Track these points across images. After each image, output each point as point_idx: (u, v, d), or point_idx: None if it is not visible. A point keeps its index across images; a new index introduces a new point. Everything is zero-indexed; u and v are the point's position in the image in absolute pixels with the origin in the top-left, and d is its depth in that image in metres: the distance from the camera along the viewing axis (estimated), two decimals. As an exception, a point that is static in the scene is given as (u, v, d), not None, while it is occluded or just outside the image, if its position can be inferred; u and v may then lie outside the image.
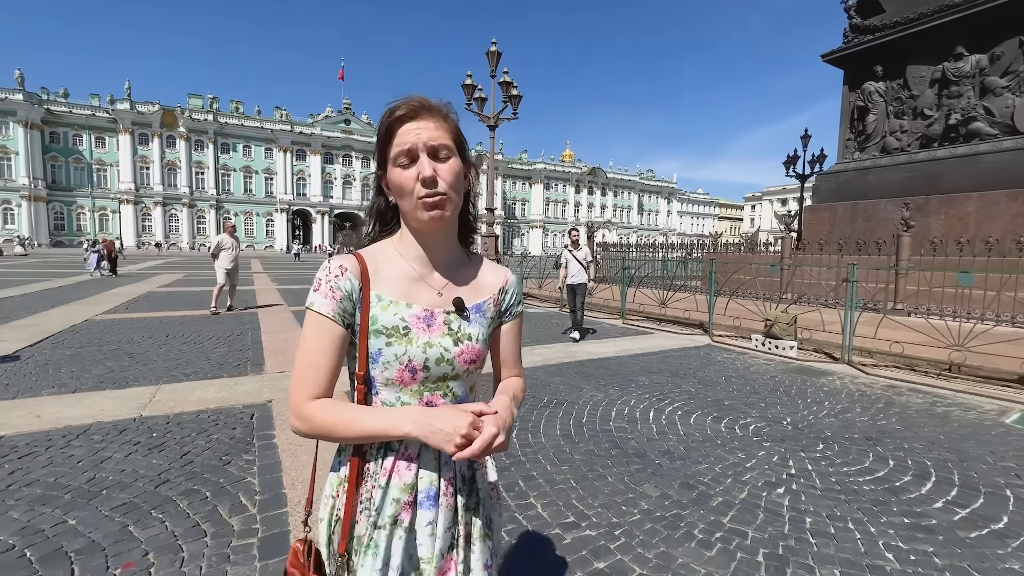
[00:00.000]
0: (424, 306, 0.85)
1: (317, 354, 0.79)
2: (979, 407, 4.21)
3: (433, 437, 0.74)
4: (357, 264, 0.84)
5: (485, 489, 0.94)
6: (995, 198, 10.45)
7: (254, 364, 5.16)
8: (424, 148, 0.79)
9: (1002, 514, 2.43)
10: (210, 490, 2.48)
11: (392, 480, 0.82)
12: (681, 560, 2.01)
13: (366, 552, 0.81)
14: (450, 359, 0.84)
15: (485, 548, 0.90)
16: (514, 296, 0.98)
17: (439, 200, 0.80)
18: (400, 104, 0.82)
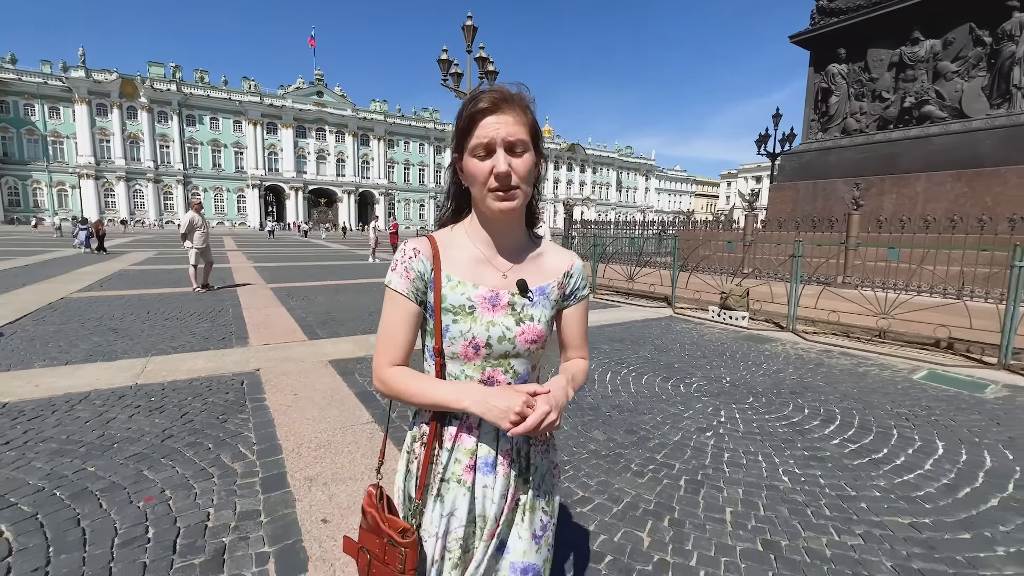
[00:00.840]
0: (490, 287, 0.92)
1: (394, 327, 0.90)
2: (895, 367, 4.79)
3: (489, 413, 0.81)
4: (430, 247, 0.92)
5: (545, 466, 1.00)
6: (941, 179, 11.15)
7: (238, 337, 5.40)
8: (502, 144, 0.84)
9: (883, 447, 2.94)
10: (211, 443, 2.80)
11: (456, 444, 0.92)
12: (617, 486, 2.45)
13: (433, 501, 0.92)
14: (511, 338, 0.90)
15: (536, 519, 0.97)
16: (579, 280, 1.02)
17: (512, 194, 0.86)
18: (483, 96, 0.86)
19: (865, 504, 2.32)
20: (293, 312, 6.98)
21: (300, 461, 2.61)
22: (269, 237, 38.50)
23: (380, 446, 2.71)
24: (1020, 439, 3.10)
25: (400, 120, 70.85)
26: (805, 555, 1.95)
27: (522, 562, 0.94)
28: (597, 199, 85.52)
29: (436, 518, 0.91)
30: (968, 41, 11.18)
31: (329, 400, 3.52)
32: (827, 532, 2.10)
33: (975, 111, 11.11)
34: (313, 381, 3.93)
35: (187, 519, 2.08)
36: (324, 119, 64.94)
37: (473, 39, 15.72)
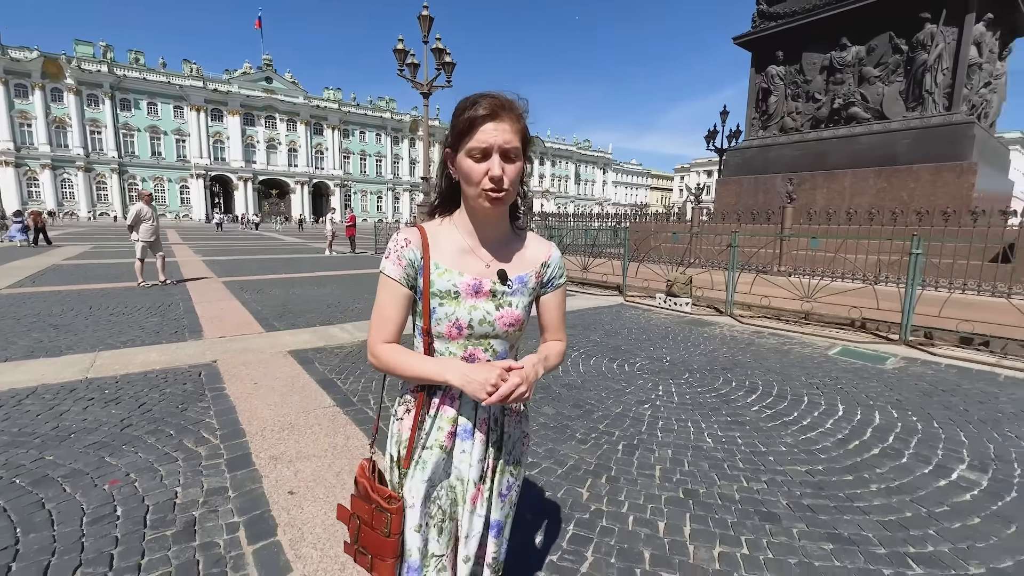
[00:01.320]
0: (473, 275, 1.01)
1: (387, 309, 1.00)
2: (815, 344, 5.35)
3: (468, 386, 0.90)
4: (420, 237, 1.01)
5: (517, 435, 1.12)
6: (864, 175, 12.16)
7: (192, 331, 5.32)
8: (498, 150, 0.92)
9: (794, 411, 3.37)
10: (173, 430, 2.86)
11: (439, 413, 1.02)
12: (563, 452, 2.72)
13: (415, 468, 1.02)
14: (491, 321, 1.00)
15: (504, 480, 1.09)
16: (555, 270, 1.11)
17: (502, 195, 0.94)
18: (484, 102, 0.92)
19: (772, 457, 2.70)
20: (248, 305, 6.89)
21: (264, 443, 2.72)
22: (217, 230, 36.73)
23: (344, 427, 2.88)
24: (906, 400, 3.62)
25: (356, 109, 68.81)
26: (718, 499, 2.28)
27: (491, 518, 1.07)
28: (556, 192, 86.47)
29: (418, 484, 1.00)
30: (888, 49, 12.18)
31: (290, 387, 3.61)
32: (738, 480, 2.45)
33: (894, 113, 12.16)
34: (273, 370, 4.00)
35: (155, 497, 2.18)
36: (274, 106, 62.21)
37: (429, 29, 15.60)
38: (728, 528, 2.06)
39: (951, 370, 4.46)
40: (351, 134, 69.25)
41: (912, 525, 2.10)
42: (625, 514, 2.15)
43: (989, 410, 3.47)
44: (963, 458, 2.73)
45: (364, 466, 1.06)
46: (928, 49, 11.41)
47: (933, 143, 11.19)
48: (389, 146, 72.26)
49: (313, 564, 1.78)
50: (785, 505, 2.24)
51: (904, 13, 11.59)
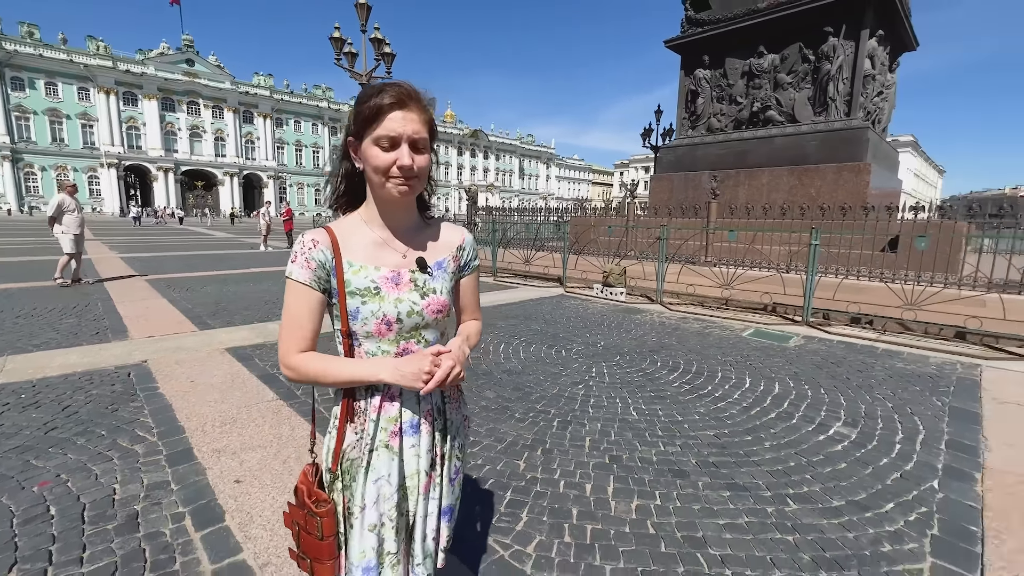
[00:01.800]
0: (391, 267, 0.99)
1: (299, 316, 0.95)
2: (732, 327, 5.92)
3: (403, 380, 0.90)
4: (328, 236, 0.97)
5: (458, 420, 1.14)
6: (779, 173, 13.28)
7: (115, 331, 5.03)
8: (407, 140, 0.91)
9: (708, 385, 3.79)
10: (104, 430, 2.79)
11: (380, 414, 1.00)
12: (503, 430, 2.93)
13: (362, 471, 0.99)
14: (419, 311, 0.99)
15: (452, 465, 1.12)
16: (470, 252, 1.13)
17: (411, 183, 0.94)
18: (391, 90, 0.91)
19: (687, 425, 3.06)
20: (177, 304, 6.56)
21: (205, 437, 2.73)
22: (135, 225, 33.78)
23: (289, 419, 2.93)
24: (801, 372, 4.15)
25: (289, 97, 65.33)
26: (638, 461, 2.58)
27: (443, 504, 1.11)
28: (501, 186, 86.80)
29: (369, 487, 0.98)
30: (798, 58, 13.33)
31: (230, 384, 3.57)
32: (656, 446, 2.77)
33: (803, 117, 13.35)
34: (210, 368, 3.92)
35: (91, 496, 2.16)
36: (197, 91, 57.81)
37: (367, 18, 15.22)
38: (645, 485, 2.36)
39: (841, 345, 5.13)
40: (285, 123, 65.78)
41: (793, 472, 2.50)
42: (557, 480, 2.39)
43: (865, 377, 4.07)
44: (840, 417, 3.23)
45: (307, 471, 1.04)
46: (831, 60, 12.62)
47: (835, 145, 12.44)
48: (327, 137, 69.32)
49: (264, 543, 1.88)
50: (694, 463, 2.57)
51: (811, 26, 12.73)
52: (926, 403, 3.50)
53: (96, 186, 53.44)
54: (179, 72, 56.47)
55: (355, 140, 0.95)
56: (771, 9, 13.48)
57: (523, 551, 1.88)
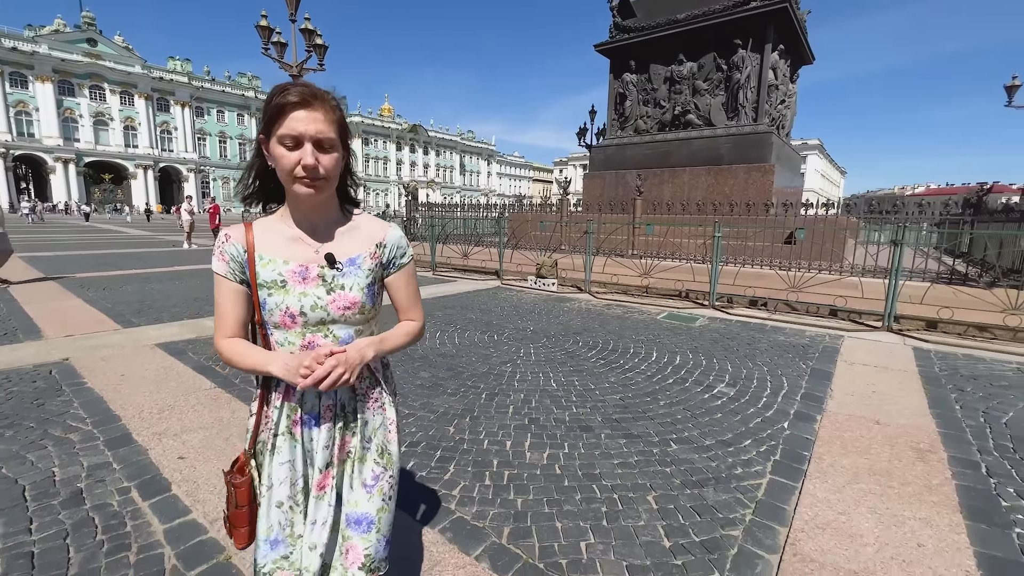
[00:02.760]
0: (300, 262, 1.01)
1: (222, 305, 1.02)
2: (650, 312, 6.56)
3: (287, 374, 0.93)
4: (242, 231, 1.02)
5: (378, 420, 1.12)
6: (698, 172, 14.42)
7: (26, 332, 4.78)
8: (310, 140, 0.91)
9: (621, 360, 4.30)
10: (33, 423, 2.79)
11: (284, 402, 1.04)
12: (435, 403, 3.24)
13: (270, 453, 1.05)
14: (324, 306, 1.01)
15: (366, 469, 1.09)
16: (395, 250, 1.10)
17: (316, 184, 0.95)
18: (293, 89, 0.92)
19: (598, 392, 3.51)
20: (94, 303, 6.24)
21: (144, 423, 2.81)
22: (30, 221, 30.27)
23: (228, 404, 3.07)
24: (700, 347, 4.78)
25: (211, 85, 60.92)
26: (553, 422, 2.99)
27: (355, 512, 1.07)
28: (442, 182, 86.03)
29: (276, 468, 1.04)
30: (713, 67, 14.50)
31: (163, 376, 3.61)
32: (570, 409, 3.19)
33: (718, 121, 14.56)
34: (141, 362, 3.90)
35: (30, 478, 2.23)
36: (101, 75, 52.50)
37: (297, 7, 14.75)
38: (557, 439, 2.76)
39: (738, 324, 5.88)
40: (206, 113, 61.31)
41: (679, 423, 3.01)
42: (482, 439, 2.74)
43: (751, 348, 4.77)
44: (724, 380, 3.83)
45: (241, 456, 1.11)
46: (740, 70, 13.87)
47: (744, 148, 13.71)
48: (254, 128, 65.30)
49: (212, 504, 2.07)
50: (599, 421, 3.02)
51: (723, 38, 13.91)
52: (794, 367, 4.21)
53: (-22, 178, 47.18)
54: (79, 52, 50.98)
55: (265, 138, 0.96)
56: (688, 20, 14.55)
57: (449, 493, 2.21)
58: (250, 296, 1.02)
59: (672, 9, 14.85)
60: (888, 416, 3.15)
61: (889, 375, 4.00)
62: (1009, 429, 2.99)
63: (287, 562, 1.05)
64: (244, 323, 1.04)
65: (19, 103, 48.53)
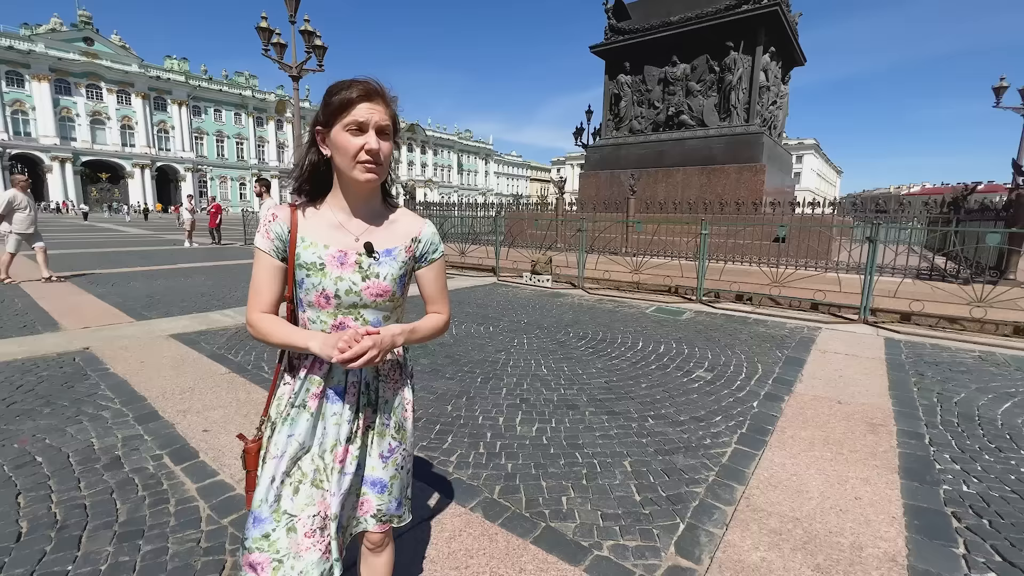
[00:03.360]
0: (339, 247, 1.08)
1: (260, 280, 1.08)
2: (639, 306, 6.84)
3: (323, 350, 0.98)
4: (288, 212, 1.09)
5: (396, 400, 1.20)
6: (692, 172, 14.70)
7: (45, 324, 5.03)
8: (374, 127, 1.01)
9: (609, 349, 4.58)
10: (66, 401, 3.05)
11: (309, 375, 1.10)
12: (435, 386, 3.51)
13: (283, 422, 1.10)
14: (358, 291, 1.07)
15: (384, 442, 1.18)
16: (428, 245, 1.18)
17: (377, 169, 1.04)
18: (359, 85, 1.01)
19: (585, 376, 3.79)
20: (105, 298, 6.48)
21: (168, 402, 3.08)
22: None
23: (244, 386, 3.33)
24: (684, 337, 5.07)
25: (208, 84, 60.94)
26: (542, 401, 3.26)
27: (372, 476, 1.18)
28: (440, 181, 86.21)
29: (282, 439, 1.08)
30: (706, 69, 14.78)
31: (180, 362, 3.87)
32: (558, 391, 3.47)
33: (711, 122, 14.84)
34: (158, 351, 4.16)
35: (72, 447, 2.50)
36: (98, 74, 52.53)
37: (297, 9, 14.96)
38: (545, 416, 3.04)
39: (723, 317, 6.17)
40: (204, 112, 61.34)
41: (657, 402, 3.29)
42: (476, 416, 3.01)
43: (732, 339, 5.05)
44: (703, 366, 4.11)
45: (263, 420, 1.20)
46: (732, 71, 14.14)
47: (736, 148, 14.00)
48: (252, 127, 65.41)
49: (236, 468, 2.34)
50: (585, 400, 3.30)
51: (715, 41, 14.19)
52: (771, 355, 4.49)
53: (-26, 177, 47.13)
54: (75, 51, 51.01)
55: (323, 129, 1.04)
56: (682, 23, 14.83)
57: (447, 459, 2.48)
58: (286, 274, 1.09)
59: (666, 12, 15.13)
60: (850, 396, 3.44)
61: (858, 362, 4.29)
62: (958, 407, 3.28)
63: (267, 542, 1.03)
64: (278, 300, 1.11)
65: (16, 102, 48.55)
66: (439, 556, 1.77)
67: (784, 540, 1.89)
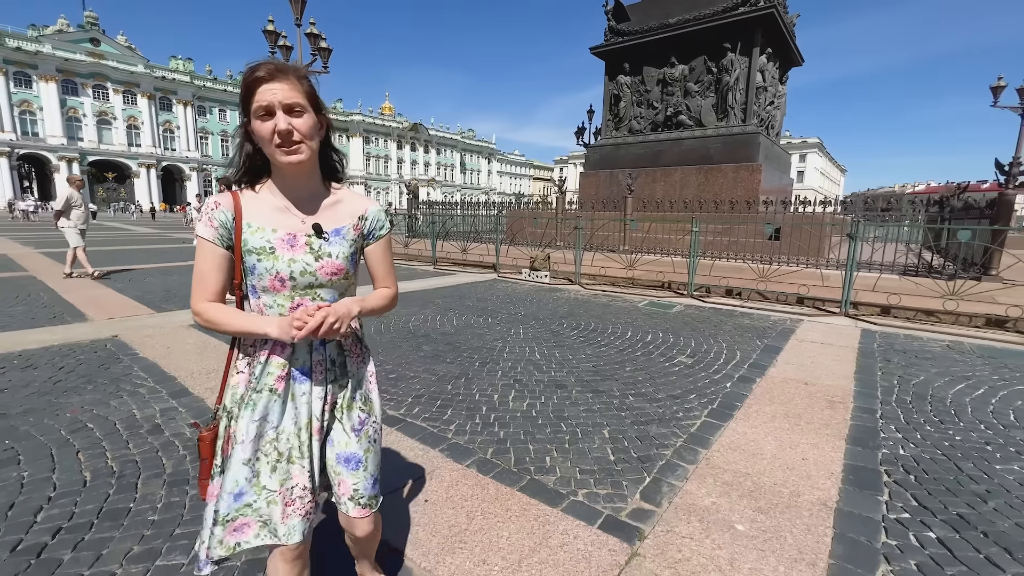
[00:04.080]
0: (287, 230, 1.08)
1: (204, 269, 1.07)
2: (633, 301, 7.15)
3: (283, 334, 1.01)
4: (231, 199, 1.07)
5: (361, 373, 1.23)
6: (689, 171, 14.97)
7: (72, 315, 5.38)
8: (280, 106, 0.98)
9: (599, 337, 4.90)
10: (105, 380, 3.39)
11: (270, 359, 1.10)
12: (436, 368, 3.83)
13: (245, 407, 1.09)
14: (312, 271, 1.08)
15: (354, 415, 1.20)
16: (375, 222, 1.20)
17: (294, 148, 1.01)
18: (260, 67, 0.99)
19: (575, 361, 4.11)
20: (124, 292, 6.84)
21: (196, 381, 3.41)
22: (23, 219, 30.22)
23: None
24: (671, 327, 5.38)
25: (212, 84, 61.42)
26: (534, 382, 3.58)
27: (344, 452, 1.19)
28: (443, 180, 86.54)
29: (246, 424, 1.08)
30: (704, 70, 15.04)
31: (203, 349, 4.21)
32: (549, 373, 3.79)
33: (708, 122, 15.11)
34: (182, 338, 4.50)
35: (118, 416, 2.83)
36: (104, 74, 53.02)
37: (302, 11, 15.30)
38: (536, 394, 3.36)
39: (711, 310, 6.47)
40: (209, 112, 61.87)
41: (639, 383, 3.61)
42: (474, 394, 3.34)
43: (716, 329, 5.36)
44: (686, 352, 4.43)
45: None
46: (729, 72, 14.40)
47: (733, 147, 14.26)
48: (256, 127, 65.71)
49: (262, 433, 2.66)
50: (573, 381, 3.62)
51: (712, 42, 14.45)
52: (751, 344, 4.80)
53: (-19, 177, 47.75)
54: (82, 52, 51.55)
55: (248, 122, 1.05)
56: (680, 25, 15.10)
57: (447, 428, 2.81)
58: (232, 262, 1.09)
59: (664, 14, 15.40)
60: (816, 379, 3.75)
61: (831, 350, 4.60)
62: (914, 388, 3.58)
63: (250, 508, 1.09)
64: (224, 289, 1.11)
65: (23, 102, 49.11)
66: (439, 499, 2.10)
67: (734, 489, 2.20)
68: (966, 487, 2.25)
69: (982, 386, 3.63)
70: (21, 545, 1.75)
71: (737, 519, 1.98)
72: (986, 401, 3.34)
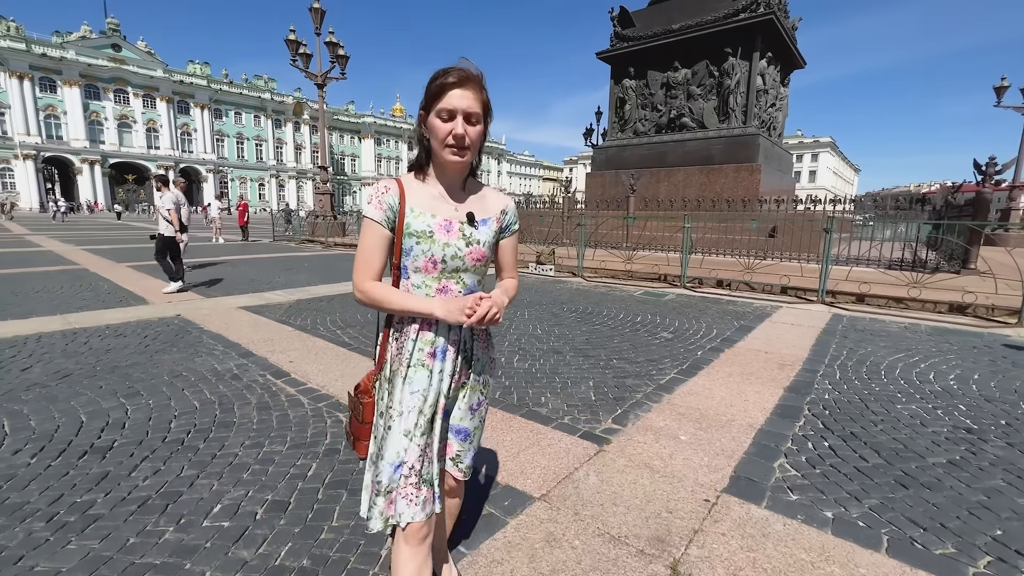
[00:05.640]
0: (445, 217, 1.19)
1: (370, 249, 1.17)
2: (629, 291, 7.80)
3: (450, 315, 1.12)
4: (397, 185, 1.19)
5: (484, 359, 1.34)
6: (692, 172, 15.55)
7: (134, 299, 6.18)
8: (461, 113, 1.11)
9: (594, 318, 5.57)
10: (183, 344, 4.15)
11: (419, 336, 1.21)
12: (453, 341, 4.54)
13: (402, 381, 1.22)
14: (462, 256, 1.19)
15: (475, 395, 1.32)
16: (512, 217, 1.32)
17: (462, 152, 1.15)
18: (454, 72, 1.11)
19: (571, 335, 4.79)
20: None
21: (256, 347, 4.16)
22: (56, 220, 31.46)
23: (310, 339, 4.38)
24: (660, 312, 6.03)
25: (228, 87, 62.91)
26: (534, 349, 4.27)
27: (458, 425, 1.32)
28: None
29: (407, 396, 1.19)
30: (706, 73, 15.59)
31: (254, 325, 4.96)
32: (548, 343, 4.47)
33: (711, 124, 15.66)
34: (234, 318, 5.26)
35: (204, 368, 3.58)
36: (125, 79, 54.63)
37: (322, 21, 16.13)
38: (536, 357, 4.05)
39: (700, 298, 7.11)
40: (224, 115, 63.35)
41: (625, 351, 4.28)
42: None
43: (700, 313, 6.00)
44: (669, 330, 5.08)
45: (370, 374, 1.34)
46: (731, 76, 14.95)
47: (734, 149, 14.81)
48: (271, 129, 67.25)
49: (318, 380, 3.39)
50: (568, 349, 4.30)
51: (714, 47, 15.01)
52: (728, 324, 5.44)
53: (10, 179, 49.55)
54: (104, 58, 53.21)
55: (424, 113, 1.16)
56: (683, 31, 15.67)
57: (463, 379, 3.51)
58: (393, 243, 1.19)
59: (668, 20, 15.99)
60: (776, 349, 4.39)
61: (799, 329, 5.22)
62: (858, 357, 4.21)
63: (412, 471, 1.18)
64: (383, 269, 1.20)
65: (48, 107, 50.84)
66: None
67: (684, 417, 2.88)
68: (866, 417, 2.90)
69: (916, 356, 4.25)
70: (168, 437, 2.49)
71: (682, 433, 2.66)
72: (915, 367, 3.96)
